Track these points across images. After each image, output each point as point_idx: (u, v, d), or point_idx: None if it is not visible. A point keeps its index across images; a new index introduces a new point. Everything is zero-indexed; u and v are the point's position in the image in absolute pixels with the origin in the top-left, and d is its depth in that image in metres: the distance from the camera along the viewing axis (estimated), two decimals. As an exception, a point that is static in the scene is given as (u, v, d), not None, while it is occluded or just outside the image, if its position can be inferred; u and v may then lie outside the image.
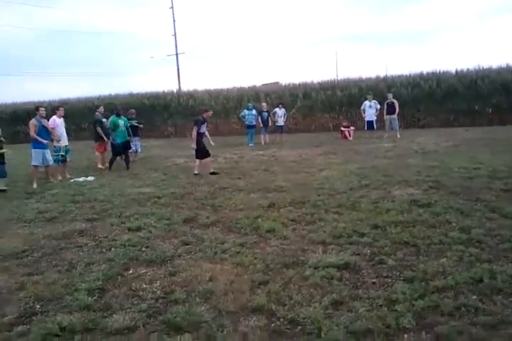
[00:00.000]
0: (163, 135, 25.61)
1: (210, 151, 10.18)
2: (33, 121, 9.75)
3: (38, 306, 3.45)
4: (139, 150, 14.11)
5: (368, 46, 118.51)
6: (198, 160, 10.14)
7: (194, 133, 9.96)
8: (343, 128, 17.69)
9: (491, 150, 10.74)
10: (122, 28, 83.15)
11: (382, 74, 24.16)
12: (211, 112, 10.61)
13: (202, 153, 10.09)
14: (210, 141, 10.40)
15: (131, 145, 13.66)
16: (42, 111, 9.92)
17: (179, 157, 13.87)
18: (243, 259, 4.14)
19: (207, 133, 10.35)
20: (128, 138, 11.78)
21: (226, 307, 3.20)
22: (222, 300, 3.34)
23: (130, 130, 13.89)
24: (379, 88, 21.47)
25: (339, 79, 25.86)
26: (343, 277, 3.63)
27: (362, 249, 4.28)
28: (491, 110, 19.80)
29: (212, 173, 9.85)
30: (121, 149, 11.55)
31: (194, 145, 10.02)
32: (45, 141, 9.60)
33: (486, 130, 16.91)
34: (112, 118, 11.64)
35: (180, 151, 15.69)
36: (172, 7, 36.34)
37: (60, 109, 11.08)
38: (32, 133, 9.63)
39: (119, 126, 11.45)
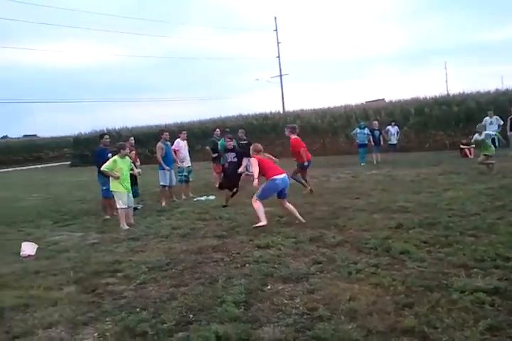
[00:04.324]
0: (271, 155, 26.17)
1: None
2: (159, 145, 10.59)
3: (191, 315, 3.72)
4: (251, 170, 14.48)
5: (475, 59, 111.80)
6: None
7: None
8: (462, 146, 16.71)
9: None
10: (229, 52, 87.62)
11: (498, 87, 22.75)
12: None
13: (226, 182, 9.45)
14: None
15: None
16: (166, 135, 10.78)
17: (290, 177, 14.05)
18: (382, 280, 4.10)
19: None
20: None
21: (374, 327, 3.19)
22: (367, 319, 3.33)
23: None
24: (499, 102, 20.06)
25: (454, 93, 24.74)
26: (495, 302, 3.44)
27: (509, 274, 4.02)
28: None
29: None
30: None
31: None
32: (167, 167, 10.26)
33: None
34: (222, 141, 12.17)
35: (291, 171, 15.92)
36: (276, 30, 37.50)
37: (183, 132, 11.93)
38: (158, 156, 10.43)
39: None
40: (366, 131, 16.55)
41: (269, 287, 4.27)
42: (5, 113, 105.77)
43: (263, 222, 6.76)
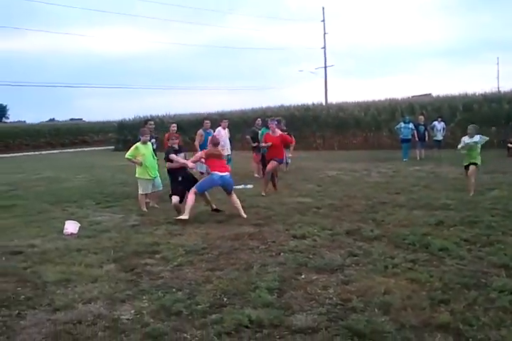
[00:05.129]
0: (311, 147, 25.87)
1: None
2: (200, 132, 10.82)
3: (225, 299, 3.79)
4: (289, 161, 14.34)
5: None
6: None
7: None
8: (510, 145, 16.09)
9: None
10: (275, 43, 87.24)
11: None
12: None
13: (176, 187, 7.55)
14: None
15: None
16: (207, 124, 10.96)
17: (331, 169, 13.91)
18: (418, 276, 4.05)
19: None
20: None
21: (407, 321, 3.16)
22: (401, 313, 3.30)
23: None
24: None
25: (505, 90, 23.72)
26: (536, 304, 3.34)
27: (553, 277, 3.88)
28: None
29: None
30: None
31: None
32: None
33: None
34: (263, 130, 12.17)
35: (331, 164, 15.78)
36: (323, 20, 36.97)
37: (224, 120, 12.06)
38: (196, 143, 10.62)
39: None
40: (411, 125, 16.12)
41: (303, 276, 4.28)
42: (53, 96, 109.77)
43: (185, 216, 6.79)
